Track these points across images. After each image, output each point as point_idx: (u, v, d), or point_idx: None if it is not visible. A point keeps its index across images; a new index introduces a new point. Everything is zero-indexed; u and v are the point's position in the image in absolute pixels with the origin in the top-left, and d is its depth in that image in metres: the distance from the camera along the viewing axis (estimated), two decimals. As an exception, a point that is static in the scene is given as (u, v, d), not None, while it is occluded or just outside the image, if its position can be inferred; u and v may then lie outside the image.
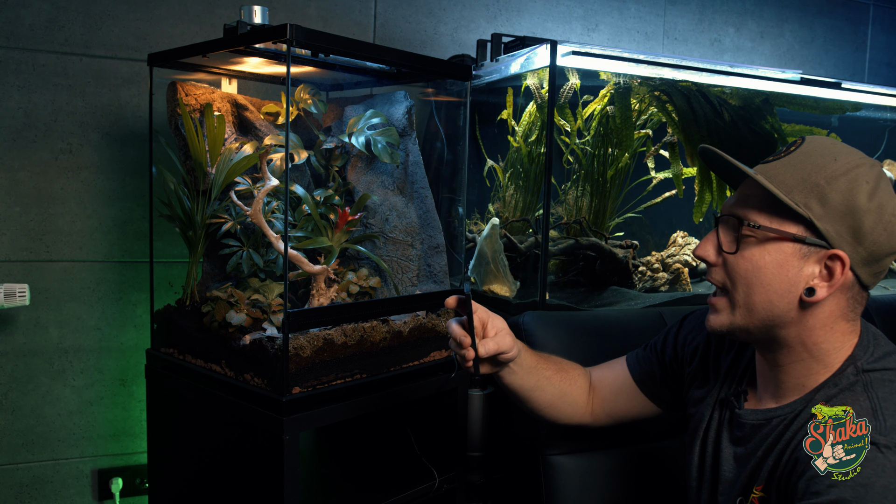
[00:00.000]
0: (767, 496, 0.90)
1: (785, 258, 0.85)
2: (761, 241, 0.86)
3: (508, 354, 1.05)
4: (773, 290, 0.86)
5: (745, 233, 0.87)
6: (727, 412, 1.01)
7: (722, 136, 1.72)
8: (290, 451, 1.25)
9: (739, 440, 0.97)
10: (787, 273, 0.86)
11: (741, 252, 0.87)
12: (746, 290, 0.88)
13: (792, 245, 0.85)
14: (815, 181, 0.84)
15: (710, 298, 0.94)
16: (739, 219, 0.87)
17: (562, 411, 1.18)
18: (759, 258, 0.86)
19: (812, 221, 0.83)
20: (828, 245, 0.84)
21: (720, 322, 0.93)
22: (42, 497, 1.83)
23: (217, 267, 1.54)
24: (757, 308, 0.88)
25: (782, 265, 0.85)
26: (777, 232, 0.85)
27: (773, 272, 0.86)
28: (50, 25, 1.74)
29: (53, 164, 1.77)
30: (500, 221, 1.77)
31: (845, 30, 2.81)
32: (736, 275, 0.89)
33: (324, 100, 1.62)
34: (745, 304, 0.89)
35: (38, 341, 1.79)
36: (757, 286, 0.87)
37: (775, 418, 0.92)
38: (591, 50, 1.59)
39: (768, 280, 0.86)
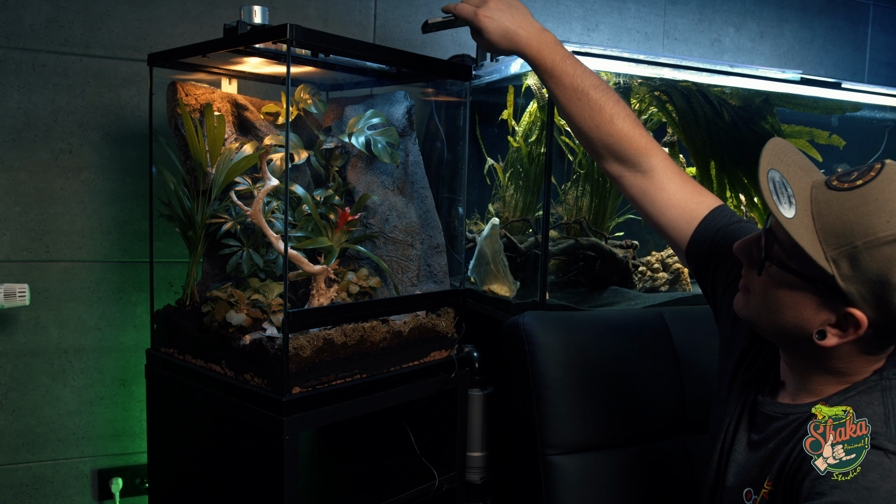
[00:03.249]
0: (775, 491, 0.90)
1: (803, 301, 0.84)
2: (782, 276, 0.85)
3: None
4: (786, 321, 0.86)
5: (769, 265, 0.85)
6: (753, 395, 1.00)
7: (722, 136, 1.72)
8: (290, 451, 1.25)
9: (757, 427, 0.97)
10: (802, 313, 0.84)
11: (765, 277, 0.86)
12: (762, 307, 0.88)
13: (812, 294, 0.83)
14: (853, 241, 0.79)
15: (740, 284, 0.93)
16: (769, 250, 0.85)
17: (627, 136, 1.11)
18: (780, 291, 0.85)
19: (835, 280, 0.79)
20: (846, 302, 0.81)
21: (740, 310, 0.93)
22: (42, 497, 1.83)
23: (217, 267, 1.54)
24: (765, 325, 0.89)
25: (798, 303, 0.84)
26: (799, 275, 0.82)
27: (789, 307, 0.85)
28: (50, 25, 1.74)
29: (53, 164, 1.77)
30: (500, 221, 1.77)
31: (845, 30, 2.81)
32: (757, 292, 0.89)
33: (324, 100, 1.62)
34: (757, 313, 0.90)
35: (38, 341, 1.80)
36: (772, 312, 0.87)
37: (791, 415, 0.92)
38: (591, 50, 1.59)
39: (784, 311, 0.86)
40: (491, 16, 1.13)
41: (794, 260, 0.83)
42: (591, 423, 1.40)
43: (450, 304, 1.58)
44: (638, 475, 1.41)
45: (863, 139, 2.31)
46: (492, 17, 1.13)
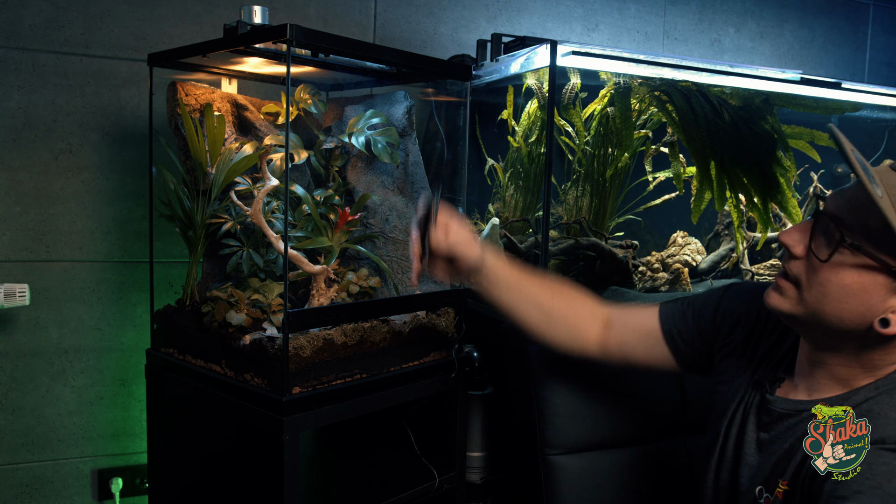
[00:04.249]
0: (792, 491, 0.88)
1: (874, 286, 0.82)
2: (849, 258, 0.82)
3: (467, 262, 1.08)
4: (849, 309, 0.83)
5: (840, 247, 0.82)
6: (758, 395, 0.98)
7: (722, 136, 1.72)
8: (290, 451, 1.25)
9: (765, 426, 0.95)
10: (870, 299, 0.82)
11: (831, 263, 0.83)
12: (820, 298, 0.85)
13: (886, 277, 0.81)
14: None
15: (780, 279, 0.90)
16: (844, 232, 0.82)
17: (559, 336, 1.15)
18: (847, 277, 0.83)
19: None
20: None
21: (781, 306, 0.89)
22: (42, 497, 1.83)
23: (217, 267, 1.54)
24: (825, 317, 0.86)
25: (868, 291, 0.82)
26: (878, 261, 0.80)
27: (855, 294, 0.82)
28: (50, 25, 1.74)
29: (53, 164, 1.77)
30: (500, 221, 1.77)
31: (845, 30, 2.81)
32: (815, 281, 0.85)
33: (324, 100, 1.62)
34: (814, 307, 0.86)
35: (38, 341, 1.79)
36: (833, 300, 0.84)
37: (805, 411, 0.90)
38: (591, 50, 1.59)
39: (847, 299, 0.83)
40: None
41: (872, 243, 0.80)
42: (592, 423, 1.40)
43: (450, 304, 1.58)
44: (638, 475, 1.41)
45: (863, 139, 2.31)
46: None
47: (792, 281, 0.88)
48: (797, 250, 0.86)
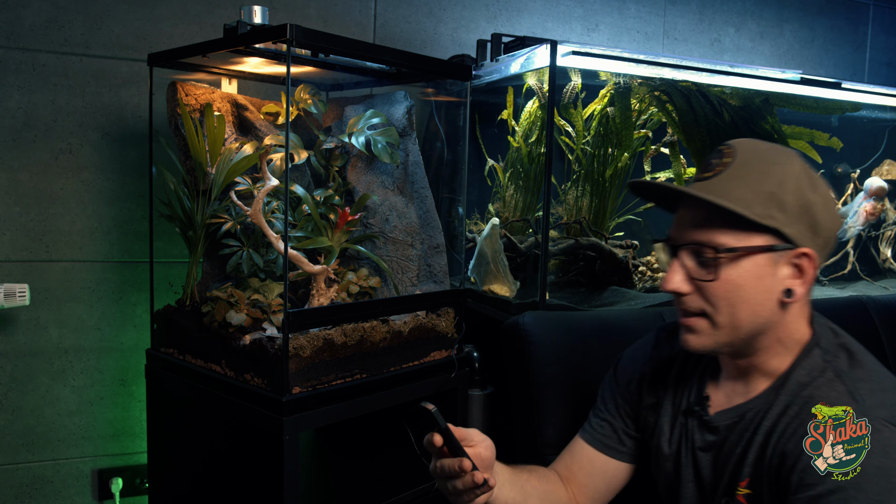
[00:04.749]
0: (757, 492, 0.90)
1: (760, 270, 0.87)
2: (734, 260, 0.87)
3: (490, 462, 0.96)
4: (756, 302, 0.88)
5: (720, 259, 0.86)
6: (694, 421, 1.00)
7: (722, 135, 1.72)
8: (290, 451, 1.25)
9: (712, 445, 0.97)
10: (766, 283, 0.87)
11: (720, 279, 0.87)
12: (730, 309, 0.88)
13: (763, 256, 0.86)
14: (769, 190, 0.86)
15: (687, 320, 0.92)
16: (710, 246, 0.86)
17: None
18: (738, 277, 0.87)
19: (779, 230, 0.85)
20: (794, 245, 0.86)
21: (703, 343, 0.92)
22: (42, 497, 1.83)
23: (217, 267, 1.54)
24: (743, 323, 0.89)
25: (760, 277, 0.87)
26: (748, 249, 0.86)
27: (753, 286, 0.87)
28: (50, 25, 1.74)
29: (53, 164, 1.77)
30: (500, 221, 1.77)
31: (845, 30, 2.81)
32: (716, 299, 0.88)
33: (324, 100, 1.62)
34: (730, 323, 0.89)
35: (38, 341, 1.80)
36: (740, 303, 0.87)
37: (749, 412, 0.93)
38: (591, 50, 1.59)
39: (750, 294, 0.87)
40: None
41: (735, 236, 0.86)
42: (591, 423, 1.40)
43: (450, 304, 1.58)
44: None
45: (863, 139, 2.31)
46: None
47: (698, 315, 0.90)
48: (685, 289, 0.90)
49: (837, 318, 1.74)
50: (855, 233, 2.26)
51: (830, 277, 2.24)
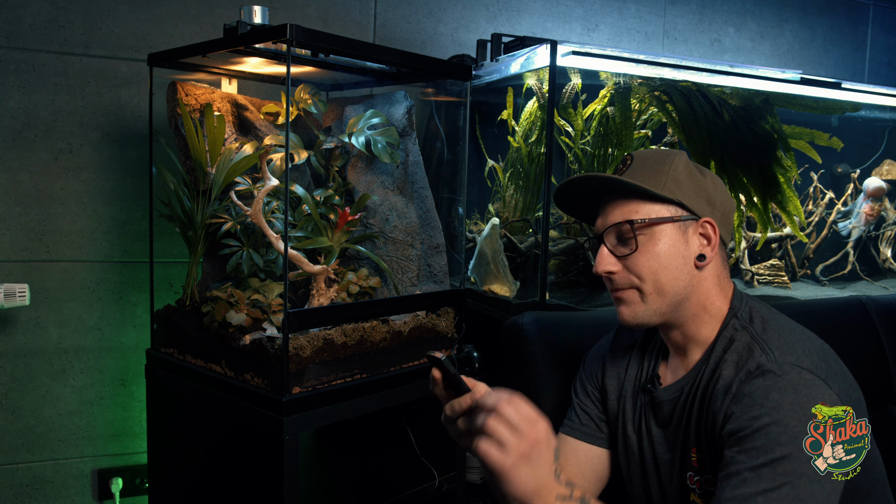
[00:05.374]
0: (702, 457, 0.97)
1: (672, 239, 0.99)
2: (649, 234, 0.99)
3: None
4: (675, 267, 0.99)
5: (637, 230, 0.99)
6: (647, 397, 1.08)
7: (722, 136, 1.72)
8: (290, 451, 1.25)
9: (665, 421, 1.04)
10: (679, 250, 0.99)
11: (640, 250, 0.99)
12: (654, 277, 0.99)
13: (672, 226, 0.99)
14: (666, 173, 1.00)
15: (617, 294, 1.02)
16: (627, 221, 0.99)
17: None
18: (655, 247, 0.99)
19: (682, 202, 0.99)
20: (697, 216, 1.00)
21: (635, 313, 1.01)
22: (42, 497, 1.83)
23: (217, 267, 1.54)
24: (666, 288, 0.99)
25: (673, 245, 0.99)
26: (660, 219, 0.99)
27: (669, 253, 0.99)
28: (50, 25, 1.74)
29: (53, 164, 1.77)
30: (500, 221, 1.77)
31: (845, 30, 2.81)
32: (640, 269, 0.99)
33: (324, 100, 1.62)
34: (655, 290, 0.99)
35: (38, 341, 1.80)
36: (661, 270, 0.99)
37: (686, 384, 1.01)
38: (591, 50, 1.59)
39: (668, 262, 0.99)
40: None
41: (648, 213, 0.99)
42: (591, 423, 1.40)
43: (450, 304, 1.58)
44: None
45: (863, 139, 2.31)
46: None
47: (627, 287, 1.01)
48: (613, 267, 1.01)
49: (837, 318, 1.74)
50: (858, 234, 2.26)
51: (830, 277, 2.24)
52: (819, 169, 2.25)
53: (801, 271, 2.24)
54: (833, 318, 1.67)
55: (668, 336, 1.06)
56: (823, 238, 2.28)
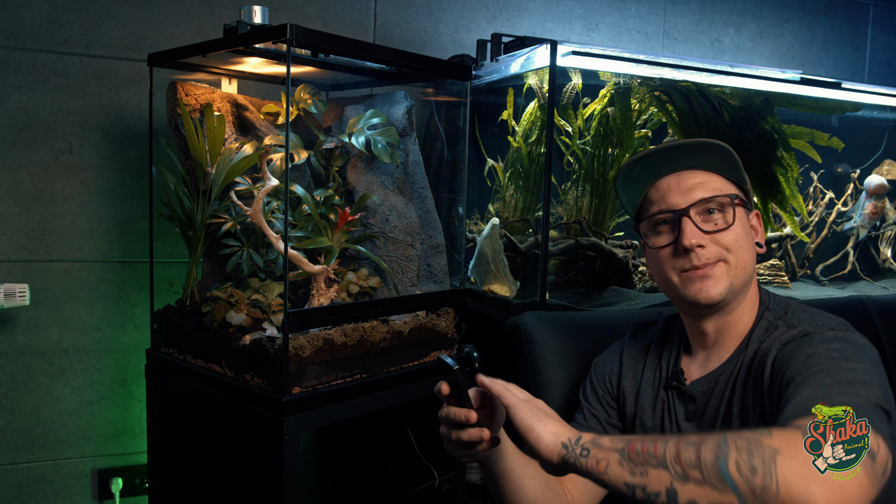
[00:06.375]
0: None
1: (744, 222, 1.03)
2: (736, 212, 1.01)
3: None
4: (749, 246, 1.02)
5: (728, 207, 1.01)
6: (672, 393, 1.07)
7: (722, 136, 1.72)
8: (290, 451, 1.25)
9: (697, 413, 1.04)
10: (748, 232, 1.03)
11: (731, 226, 1.00)
12: (739, 251, 1.01)
13: (742, 209, 1.03)
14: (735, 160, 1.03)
15: (704, 270, 1.01)
16: (727, 196, 1.01)
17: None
18: (737, 225, 1.01)
19: (747, 189, 1.04)
20: (753, 206, 1.06)
21: (721, 287, 1.00)
22: (42, 497, 1.83)
23: (217, 267, 1.54)
24: (747, 265, 1.02)
25: (745, 227, 1.03)
26: (743, 200, 1.03)
27: (746, 233, 1.02)
28: (50, 25, 1.74)
29: (53, 164, 1.77)
30: (500, 221, 1.77)
31: (845, 30, 2.81)
32: (730, 242, 1.00)
33: (324, 100, 1.62)
34: (738, 264, 1.01)
35: (38, 341, 1.80)
36: (744, 246, 1.01)
37: (722, 375, 1.02)
38: (591, 50, 1.59)
39: (746, 240, 1.02)
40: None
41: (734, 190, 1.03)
42: (591, 423, 1.40)
43: (450, 304, 1.58)
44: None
45: (863, 139, 2.31)
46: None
47: (714, 261, 1.01)
48: (703, 240, 1.00)
49: (837, 319, 1.71)
50: (866, 233, 2.27)
51: (830, 277, 2.24)
52: (819, 169, 2.25)
53: (801, 271, 2.24)
54: (833, 318, 1.67)
55: (704, 327, 1.05)
56: (823, 238, 2.28)
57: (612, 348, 1.23)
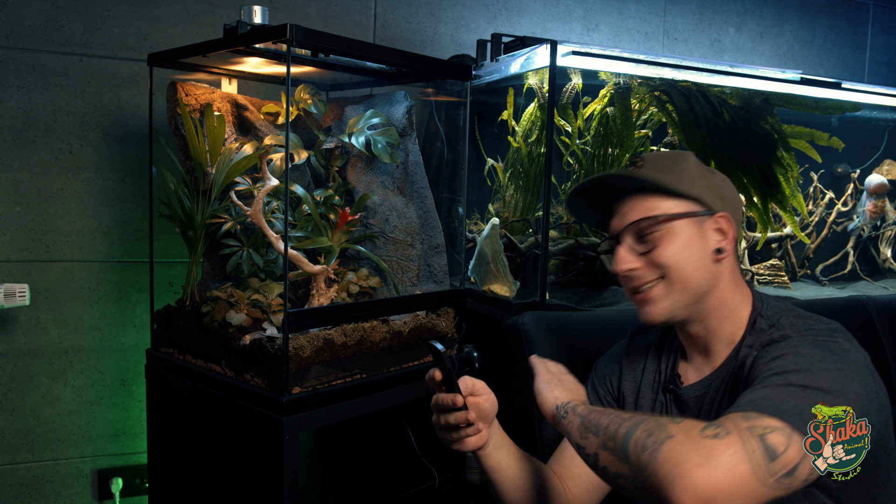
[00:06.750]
0: None
1: (690, 234, 1.00)
2: (668, 229, 1.00)
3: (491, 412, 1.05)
4: (695, 259, 1.00)
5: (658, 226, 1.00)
6: (669, 396, 1.08)
7: (722, 136, 1.72)
8: (290, 451, 1.25)
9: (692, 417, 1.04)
10: (697, 244, 1.00)
11: (661, 245, 1.00)
12: (678, 267, 1.00)
13: (689, 221, 1.00)
14: (680, 170, 1.02)
15: (643, 294, 1.03)
16: (648, 218, 1.00)
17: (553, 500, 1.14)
18: (674, 242, 1.00)
19: (698, 197, 1.01)
20: (713, 211, 1.01)
21: (661, 309, 1.02)
22: (42, 497, 1.83)
23: (217, 267, 1.54)
24: (690, 280, 1.00)
25: (691, 239, 1.00)
26: (679, 214, 1.00)
27: (689, 248, 1.00)
28: (50, 25, 1.74)
29: (53, 164, 1.77)
30: (500, 221, 1.77)
31: (845, 30, 2.81)
32: (665, 261, 1.00)
33: (324, 100, 1.62)
34: (679, 279, 1.00)
35: (38, 341, 1.80)
36: (684, 262, 0.99)
37: (714, 381, 1.02)
38: (591, 50, 1.59)
39: (690, 254, 1.00)
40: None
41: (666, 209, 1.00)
42: (591, 423, 1.40)
43: (450, 304, 1.58)
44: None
45: (863, 139, 2.31)
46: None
47: (651, 282, 1.02)
48: (634, 264, 1.01)
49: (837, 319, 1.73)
50: (868, 232, 2.27)
51: (830, 277, 2.25)
52: (819, 169, 2.25)
53: (801, 271, 2.24)
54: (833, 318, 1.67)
55: (690, 333, 1.06)
56: (823, 238, 2.28)
57: (613, 350, 1.24)
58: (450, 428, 1.00)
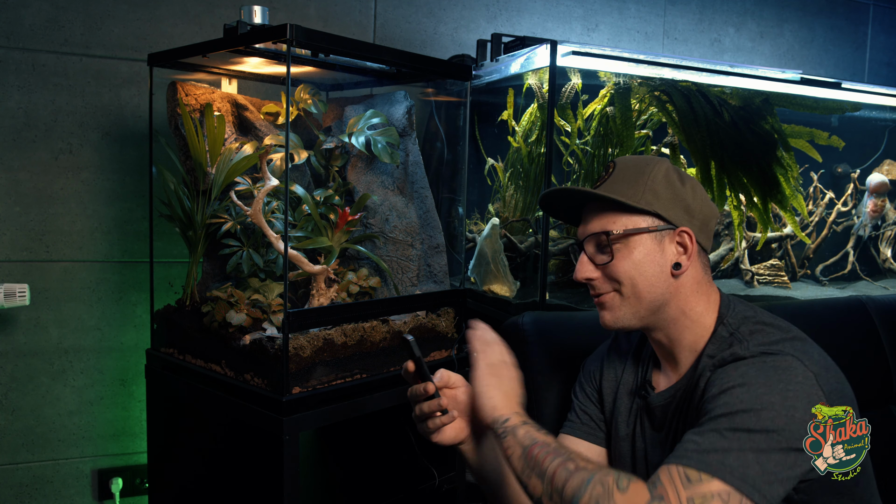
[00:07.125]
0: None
1: (648, 249, 1.02)
2: (625, 244, 1.02)
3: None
4: (651, 274, 1.01)
5: (613, 241, 1.02)
6: (641, 402, 1.09)
7: (722, 136, 1.72)
8: (290, 451, 1.25)
9: (659, 424, 1.06)
10: (655, 258, 1.02)
11: (616, 258, 1.02)
12: (631, 282, 1.02)
13: (648, 236, 1.02)
14: (644, 183, 1.02)
15: (599, 300, 1.06)
16: (604, 233, 1.03)
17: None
18: (630, 256, 1.02)
19: (658, 213, 1.01)
20: (674, 226, 1.02)
21: (615, 316, 1.04)
22: (42, 497, 1.83)
23: (217, 267, 1.54)
24: (643, 294, 1.02)
25: (649, 254, 1.01)
26: (635, 231, 1.02)
27: (645, 262, 1.01)
28: (50, 25, 1.74)
29: (53, 164, 1.77)
30: (500, 221, 1.77)
31: (845, 30, 2.81)
32: (619, 274, 1.02)
33: (324, 100, 1.62)
34: (633, 293, 1.02)
35: (38, 341, 1.80)
36: (638, 276, 1.01)
37: (679, 390, 1.03)
38: (591, 50, 1.59)
39: (645, 269, 1.01)
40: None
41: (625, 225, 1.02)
42: (591, 423, 1.40)
43: (450, 304, 1.58)
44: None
45: (863, 139, 2.31)
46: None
47: (607, 291, 1.04)
48: (593, 273, 1.05)
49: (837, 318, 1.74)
50: (869, 231, 2.27)
51: (830, 277, 2.24)
52: (819, 169, 2.25)
53: (801, 271, 2.24)
54: (833, 318, 1.67)
55: (654, 340, 1.08)
56: (823, 238, 2.28)
57: (599, 348, 1.25)
58: (425, 417, 1.04)
